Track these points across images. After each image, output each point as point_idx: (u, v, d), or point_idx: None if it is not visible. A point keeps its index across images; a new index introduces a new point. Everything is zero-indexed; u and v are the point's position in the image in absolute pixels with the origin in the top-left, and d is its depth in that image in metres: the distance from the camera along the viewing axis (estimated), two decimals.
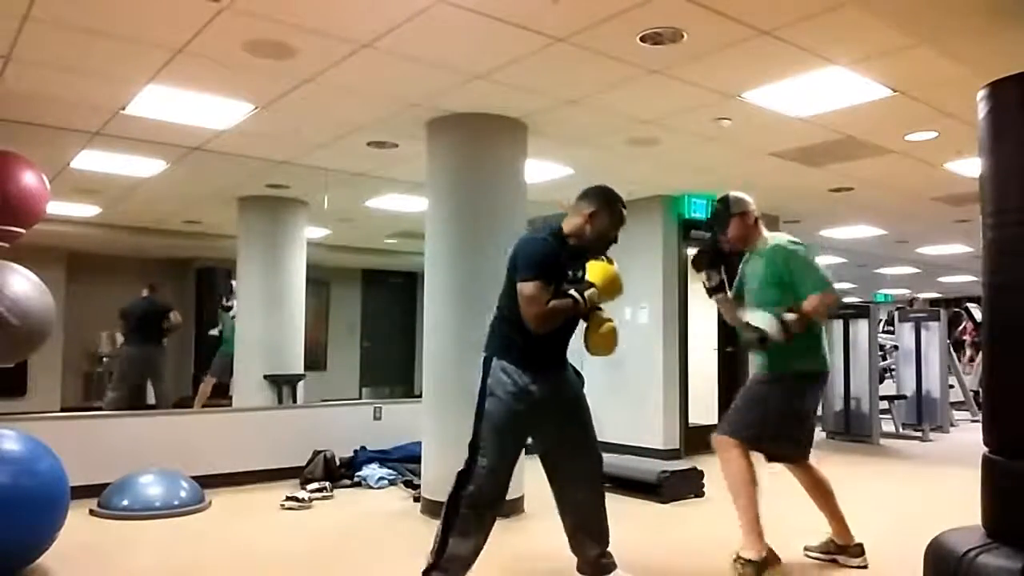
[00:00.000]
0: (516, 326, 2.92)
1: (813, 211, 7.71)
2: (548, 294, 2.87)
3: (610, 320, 3.04)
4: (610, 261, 3.08)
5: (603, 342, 3.03)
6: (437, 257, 4.70)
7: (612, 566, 3.16)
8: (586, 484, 3.12)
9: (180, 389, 10.82)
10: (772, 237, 3.56)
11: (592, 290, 2.93)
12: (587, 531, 3.14)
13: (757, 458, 3.40)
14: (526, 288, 2.87)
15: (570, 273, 3.01)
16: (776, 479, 3.54)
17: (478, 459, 2.97)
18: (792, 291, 3.33)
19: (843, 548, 3.54)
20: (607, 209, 3.01)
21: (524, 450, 3.15)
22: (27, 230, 4.04)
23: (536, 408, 2.95)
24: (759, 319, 3.29)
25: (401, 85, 4.12)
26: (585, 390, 3.15)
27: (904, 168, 5.83)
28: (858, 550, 3.51)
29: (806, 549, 3.64)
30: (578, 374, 3.15)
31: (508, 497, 4.47)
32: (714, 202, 3.65)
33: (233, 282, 8.28)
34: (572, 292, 2.91)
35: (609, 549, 3.16)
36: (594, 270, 3.01)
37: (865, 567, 3.46)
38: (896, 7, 3.06)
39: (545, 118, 4.64)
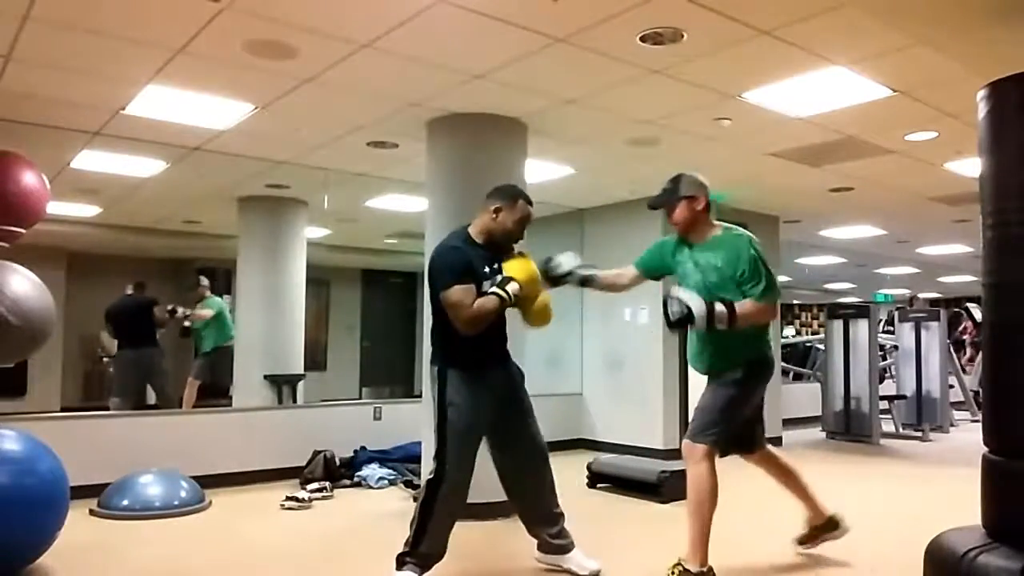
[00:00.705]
0: (452, 334, 3.09)
1: (813, 211, 7.71)
2: (471, 295, 3.04)
3: (542, 295, 3.24)
4: (523, 255, 3.24)
5: (542, 315, 3.26)
6: None
7: (568, 547, 3.36)
8: (531, 471, 3.31)
9: (180, 389, 10.82)
10: (735, 229, 3.30)
11: (513, 284, 3.07)
12: (537, 515, 3.35)
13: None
14: (449, 296, 3.03)
15: (487, 271, 3.14)
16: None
17: (447, 468, 3.10)
18: (740, 288, 3.12)
19: (821, 527, 3.56)
20: (510, 204, 3.22)
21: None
22: (27, 230, 4.04)
23: (492, 407, 3.17)
24: (690, 298, 3.08)
25: (401, 85, 4.12)
26: (585, 391, 3.29)
27: (904, 168, 5.83)
28: (834, 523, 3.55)
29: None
30: (518, 369, 3.38)
31: (505, 498, 4.49)
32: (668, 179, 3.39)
33: (202, 278, 8.22)
34: (495, 290, 3.06)
35: (565, 528, 3.36)
36: (512, 266, 3.14)
37: (846, 531, 3.58)
38: (896, 7, 3.06)
39: (545, 118, 4.64)
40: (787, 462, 3.58)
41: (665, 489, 4.93)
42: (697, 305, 3.04)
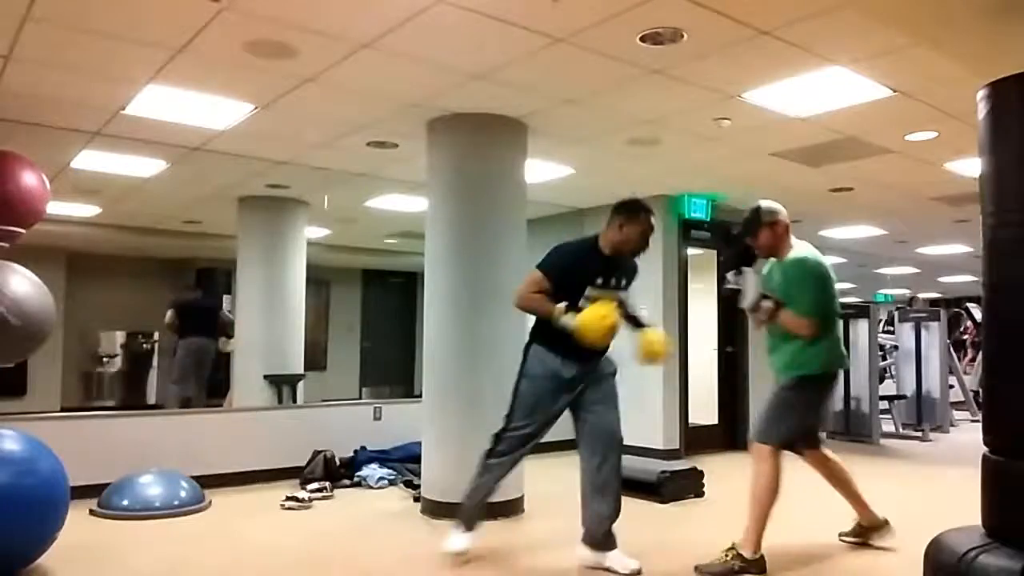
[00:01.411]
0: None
1: (813, 211, 7.71)
2: (542, 287, 3.41)
3: (654, 334, 3.61)
4: (609, 302, 3.40)
5: (644, 351, 3.55)
6: (437, 257, 4.70)
7: (612, 544, 3.46)
8: (598, 447, 3.49)
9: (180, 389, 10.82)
10: (796, 249, 3.57)
11: (571, 324, 3.32)
12: (593, 489, 3.48)
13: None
14: (529, 274, 3.49)
15: (600, 280, 3.46)
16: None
17: (510, 423, 3.56)
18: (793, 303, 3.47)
19: (869, 528, 3.77)
20: (630, 216, 3.54)
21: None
22: (27, 230, 4.04)
23: (562, 385, 3.49)
24: (750, 283, 3.53)
25: (401, 85, 4.12)
26: None
27: (904, 168, 5.83)
28: (885, 526, 3.77)
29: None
30: (607, 363, 3.61)
31: (508, 497, 4.53)
32: (748, 210, 3.74)
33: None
34: (558, 313, 3.35)
35: (613, 530, 3.48)
36: (587, 311, 3.34)
37: (892, 533, 3.77)
38: (896, 7, 3.06)
39: (545, 118, 4.64)
40: (840, 465, 3.78)
41: (665, 489, 4.93)
42: (751, 291, 3.50)
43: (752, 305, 3.50)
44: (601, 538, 3.47)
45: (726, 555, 3.36)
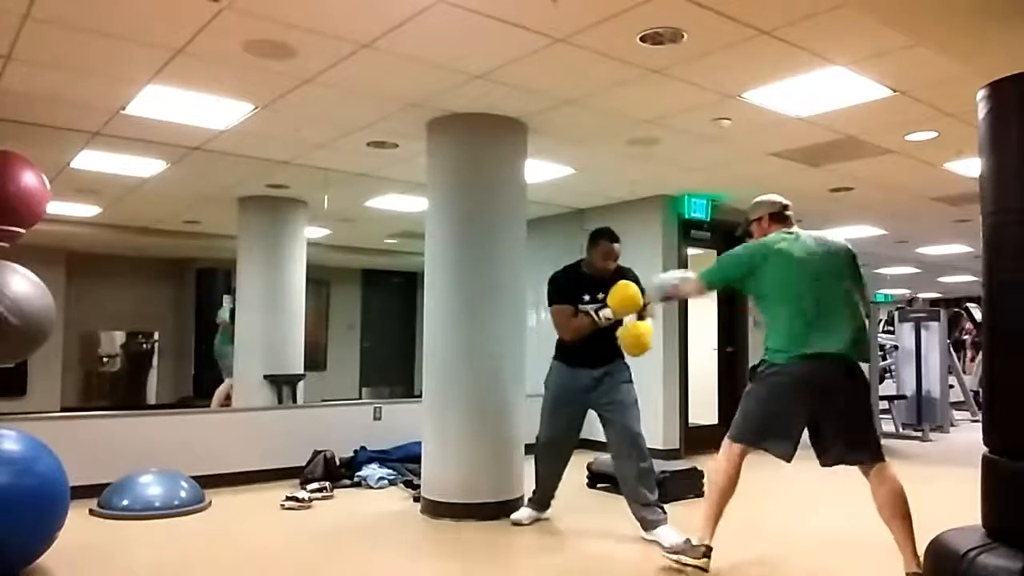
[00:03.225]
0: (559, 337, 4.17)
1: (813, 211, 7.70)
2: (567, 313, 4.06)
3: (639, 326, 3.93)
4: (629, 280, 3.96)
5: (634, 346, 3.92)
6: (437, 257, 4.70)
7: (654, 523, 3.88)
8: (619, 451, 4.04)
9: (180, 389, 10.84)
10: (760, 239, 3.51)
11: (606, 309, 3.90)
12: (624, 488, 4.04)
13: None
14: (551, 314, 4.15)
15: (587, 297, 4.04)
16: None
17: (540, 430, 4.29)
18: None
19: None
20: (593, 242, 4.13)
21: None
22: (27, 230, 4.03)
23: (574, 391, 4.11)
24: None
25: (401, 85, 4.12)
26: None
27: (904, 168, 5.83)
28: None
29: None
30: (622, 369, 4.13)
31: (508, 497, 4.54)
32: None
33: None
34: (588, 310, 3.99)
35: (656, 504, 3.96)
36: (612, 291, 3.90)
37: None
38: (896, 7, 3.06)
39: (545, 118, 4.64)
40: (894, 496, 3.11)
41: (665, 489, 4.92)
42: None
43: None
44: (643, 520, 3.92)
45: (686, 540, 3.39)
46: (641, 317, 3.97)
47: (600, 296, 3.99)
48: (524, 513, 4.37)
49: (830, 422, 3.17)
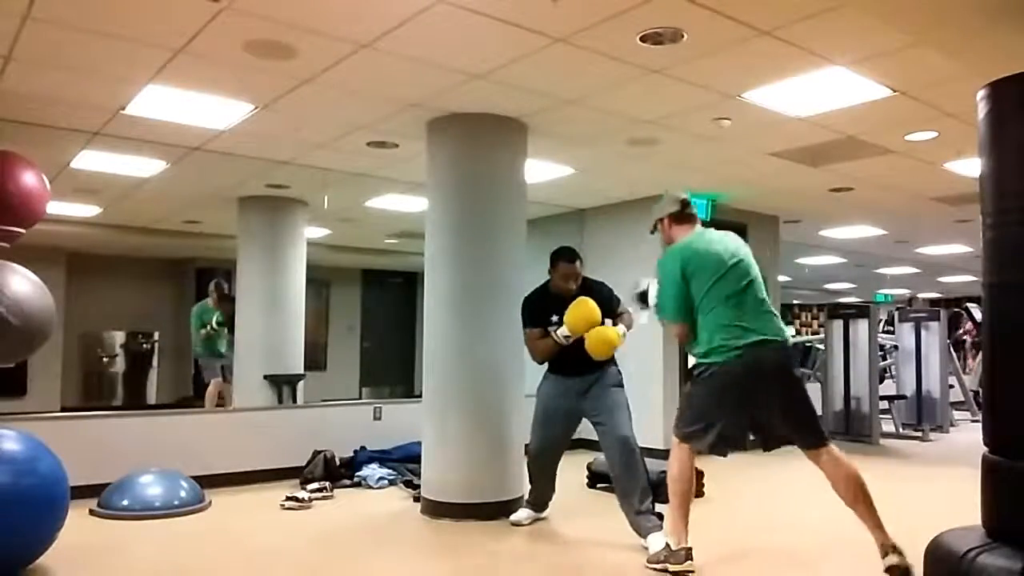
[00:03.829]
0: None
1: (813, 211, 7.71)
2: (534, 336, 4.16)
3: (598, 329, 3.94)
4: (579, 299, 4.00)
5: (597, 348, 3.96)
6: (437, 257, 4.70)
7: (648, 530, 3.74)
8: (611, 453, 4.00)
9: (180, 389, 10.84)
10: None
11: (562, 328, 3.99)
12: (618, 490, 4.00)
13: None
14: (524, 337, 4.27)
15: (555, 317, 4.06)
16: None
17: (532, 437, 4.32)
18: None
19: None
20: (553, 266, 4.19)
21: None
22: (27, 230, 4.03)
23: (558, 398, 4.16)
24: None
25: (401, 85, 4.12)
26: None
27: (904, 168, 5.83)
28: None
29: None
30: (612, 375, 4.15)
31: (508, 497, 4.54)
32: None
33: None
34: (552, 333, 4.05)
35: (648, 511, 3.86)
36: (568, 308, 3.97)
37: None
38: (896, 7, 3.06)
39: (545, 118, 4.64)
40: (851, 477, 3.19)
41: (664, 489, 4.92)
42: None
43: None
44: (636, 527, 3.84)
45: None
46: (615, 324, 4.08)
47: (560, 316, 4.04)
48: (523, 513, 4.38)
49: (775, 409, 3.27)
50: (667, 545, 3.35)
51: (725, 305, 3.30)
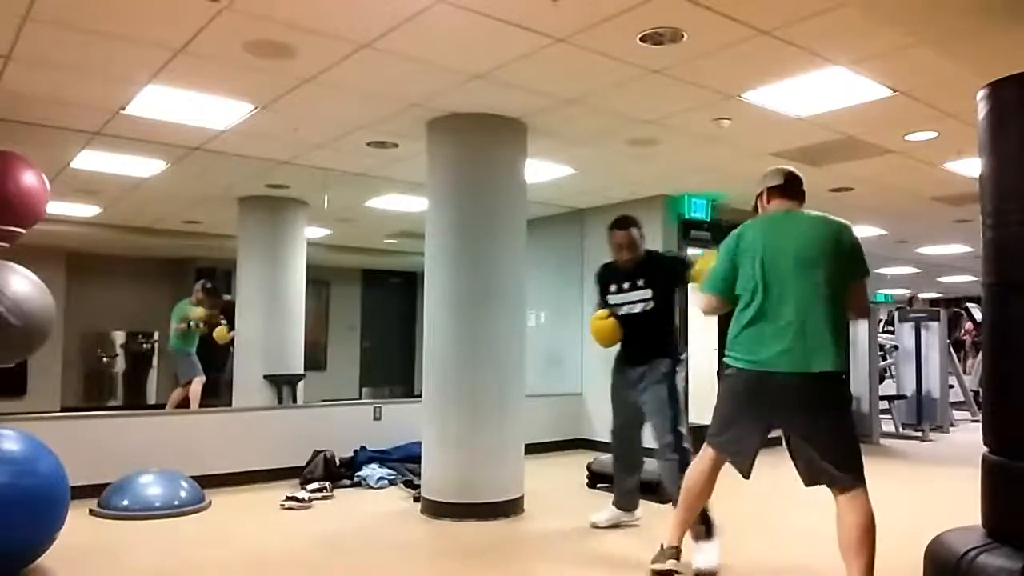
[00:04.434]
0: None
1: (813, 211, 7.70)
2: (598, 304, 4.25)
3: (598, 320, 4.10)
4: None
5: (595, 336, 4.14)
6: (437, 257, 4.70)
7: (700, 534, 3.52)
8: (655, 455, 4.00)
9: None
10: None
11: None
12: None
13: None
14: None
15: (613, 287, 4.11)
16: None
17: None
18: None
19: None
20: (609, 234, 4.15)
21: None
22: (27, 230, 4.04)
23: (621, 384, 4.16)
24: None
25: (401, 85, 4.12)
26: (585, 391, 3.90)
27: (904, 168, 5.83)
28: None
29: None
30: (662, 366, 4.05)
31: (508, 497, 4.54)
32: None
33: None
34: (616, 301, 4.10)
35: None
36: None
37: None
38: (896, 7, 3.06)
39: (545, 118, 4.64)
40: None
41: (664, 489, 4.92)
42: None
43: None
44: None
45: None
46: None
47: (625, 286, 4.05)
48: (605, 515, 4.30)
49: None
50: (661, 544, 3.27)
51: (759, 300, 2.88)
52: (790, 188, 3.12)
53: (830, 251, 2.88)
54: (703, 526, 3.50)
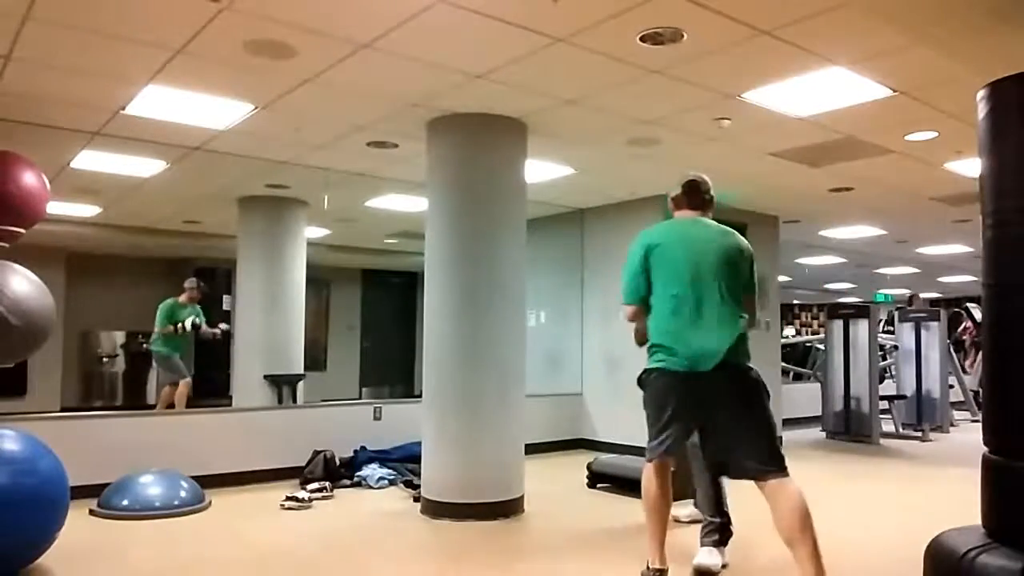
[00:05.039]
0: None
1: (813, 211, 7.71)
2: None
3: None
4: None
5: None
6: (437, 257, 4.70)
7: (717, 541, 3.52)
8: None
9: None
10: None
11: None
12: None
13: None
14: None
15: None
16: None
17: None
18: None
19: None
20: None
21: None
22: (27, 230, 4.04)
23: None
24: None
25: (401, 85, 4.12)
26: (585, 391, 3.69)
27: (904, 168, 5.83)
28: None
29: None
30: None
31: (508, 497, 4.54)
32: None
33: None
34: None
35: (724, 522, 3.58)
36: None
37: None
38: (896, 7, 3.06)
39: (545, 118, 4.64)
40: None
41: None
42: None
43: None
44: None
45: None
46: None
47: None
48: (686, 510, 4.21)
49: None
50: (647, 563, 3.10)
51: (667, 301, 3.03)
52: (694, 197, 3.31)
53: (732, 260, 3.09)
54: (718, 534, 3.54)
